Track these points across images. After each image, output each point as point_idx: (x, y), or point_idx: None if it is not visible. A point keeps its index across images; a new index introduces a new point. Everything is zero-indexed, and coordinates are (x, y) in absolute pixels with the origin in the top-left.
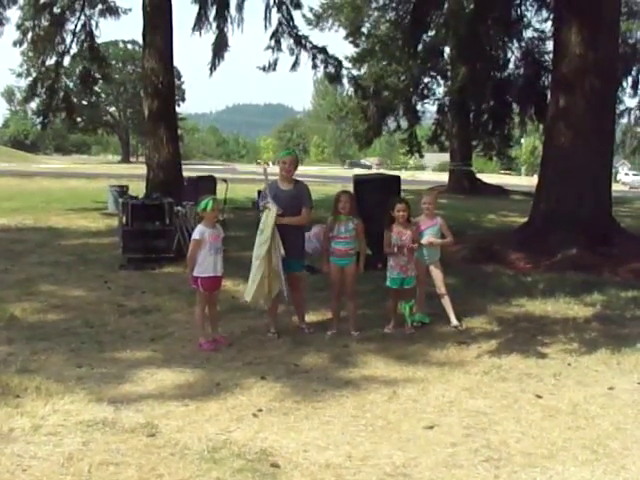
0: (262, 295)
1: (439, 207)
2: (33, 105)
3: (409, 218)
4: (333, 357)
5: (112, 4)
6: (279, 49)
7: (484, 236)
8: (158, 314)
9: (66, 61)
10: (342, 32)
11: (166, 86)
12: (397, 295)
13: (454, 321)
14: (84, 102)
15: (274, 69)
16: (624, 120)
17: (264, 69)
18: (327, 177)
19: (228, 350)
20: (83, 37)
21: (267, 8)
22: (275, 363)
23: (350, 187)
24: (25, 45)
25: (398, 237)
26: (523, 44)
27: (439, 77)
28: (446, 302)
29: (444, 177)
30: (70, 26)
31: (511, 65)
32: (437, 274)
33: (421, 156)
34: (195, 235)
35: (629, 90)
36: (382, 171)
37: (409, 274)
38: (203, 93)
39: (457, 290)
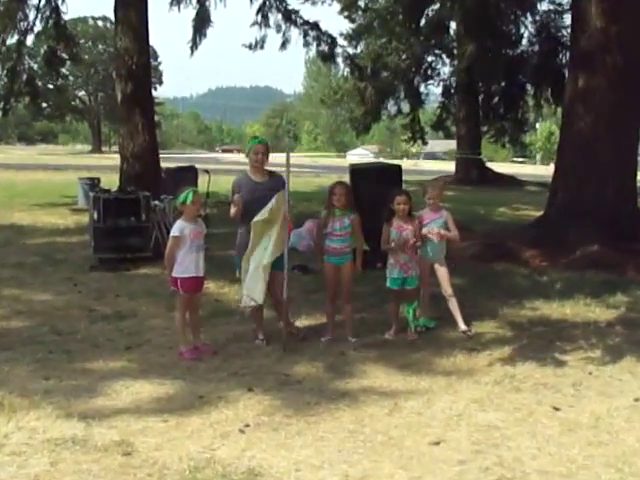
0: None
1: (444, 200)
2: None
3: (411, 211)
4: (328, 366)
5: None
6: (267, 25)
7: (495, 231)
8: (134, 320)
9: (29, 40)
10: (336, 6)
11: (141, 67)
12: (398, 297)
13: (462, 326)
14: (50, 86)
15: (261, 47)
16: None
17: (250, 48)
18: (321, 167)
19: (212, 359)
20: (48, 13)
21: None
22: (264, 373)
23: (346, 178)
24: None
25: (398, 232)
26: (538, 18)
27: (444, 55)
28: (453, 305)
29: (450, 166)
30: (33, 1)
31: (524, 41)
32: (443, 273)
33: (424, 143)
34: (174, 232)
35: None
36: (381, 160)
37: (411, 273)
38: (183, 75)
39: (465, 291)
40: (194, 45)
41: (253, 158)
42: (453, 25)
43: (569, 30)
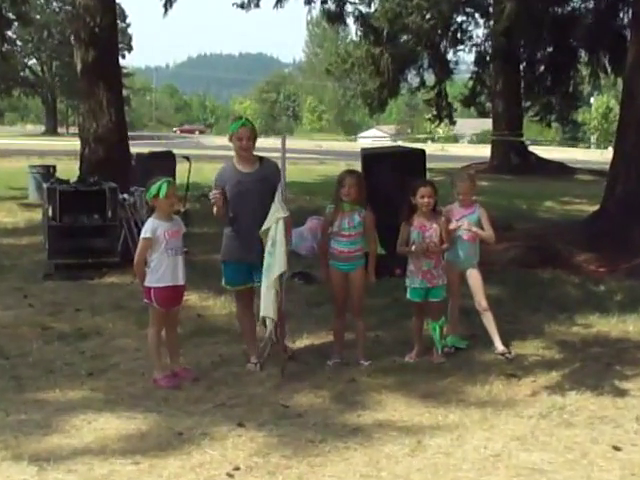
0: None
1: (477, 192)
2: None
3: (436, 207)
4: (336, 396)
5: None
6: None
7: (540, 230)
8: (98, 339)
9: None
10: None
11: (106, 30)
12: (421, 311)
13: (500, 346)
14: None
15: (256, 5)
16: None
17: (242, 7)
18: (326, 153)
19: (193, 387)
20: None
21: None
22: (257, 404)
23: (357, 166)
24: None
25: (420, 232)
26: None
27: (477, 15)
28: (488, 320)
29: (485, 151)
30: None
31: None
32: (476, 282)
33: (452, 123)
34: (144, 232)
35: None
36: (400, 143)
37: (436, 283)
38: (157, 39)
39: (504, 303)
40: (168, 1)
41: (237, 145)
42: None
43: None
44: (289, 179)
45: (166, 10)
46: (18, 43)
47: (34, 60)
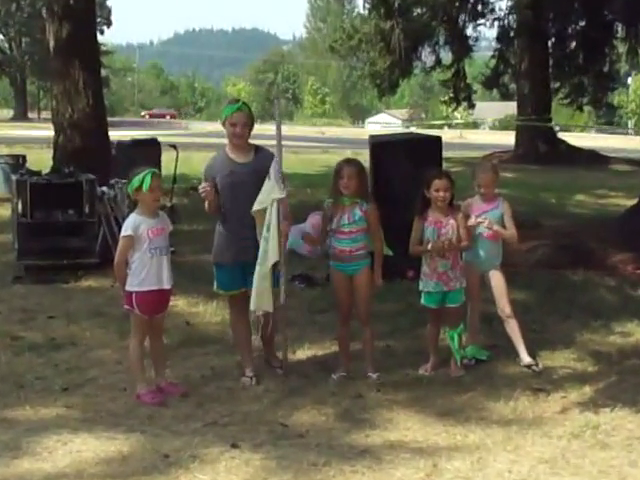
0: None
1: (500, 184)
2: None
3: (452, 201)
4: (341, 413)
5: None
6: None
7: (570, 227)
8: (73, 350)
9: None
10: None
11: (82, 2)
12: (437, 318)
13: (526, 358)
14: None
15: None
16: None
17: None
18: (330, 140)
19: (181, 404)
20: None
21: None
22: (253, 423)
23: (365, 155)
24: None
25: (435, 229)
26: None
27: None
28: (513, 329)
29: (509, 138)
30: None
31: None
32: (499, 285)
33: (472, 106)
34: (125, 229)
35: None
36: (413, 130)
37: (454, 286)
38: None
39: (530, 309)
40: None
41: (230, 131)
42: None
43: None
44: (288, 170)
45: None
46: None
47: (1, 36)
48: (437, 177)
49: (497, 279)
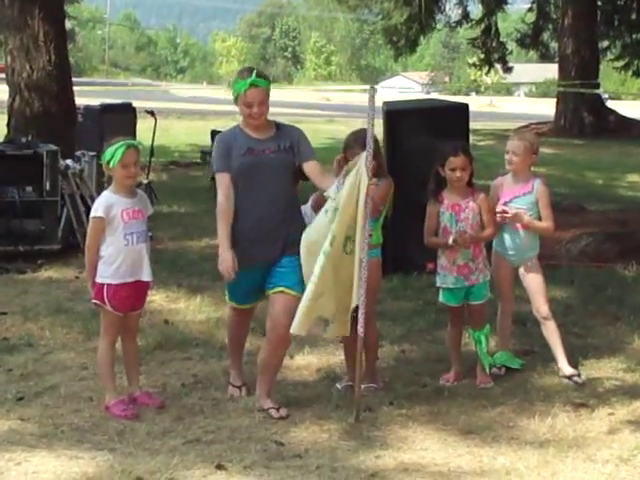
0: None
1: (537, 162)
2: None
3: (472, 179)
4: (347, 430)
5: None
6: None
7: (620, 214)
8: (30, 353)
9: None
10: None
11: None
12: (459, 318)
13: (566, 368)
14: None
15: None
16: None
17: None
18: (336, 107)
19: (158, 417)
20: None
21: None
22: (242, 441)
23: (378, 125)
24: None
25: (453, 214)
26: None
27: None
28: (551, 332)
29: (548, 107)
30: None
31: None
32: (534, 282)
33: (507, 69)
34: (95, 209)
35: None
36: (435, 96)
37: (477, 279)
38: None
39: (571, 310)
40: None
41: (245, 113)
42: None
43: None
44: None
45: None
46: None
47: None
48: (452, 154)
49: (532, 274)
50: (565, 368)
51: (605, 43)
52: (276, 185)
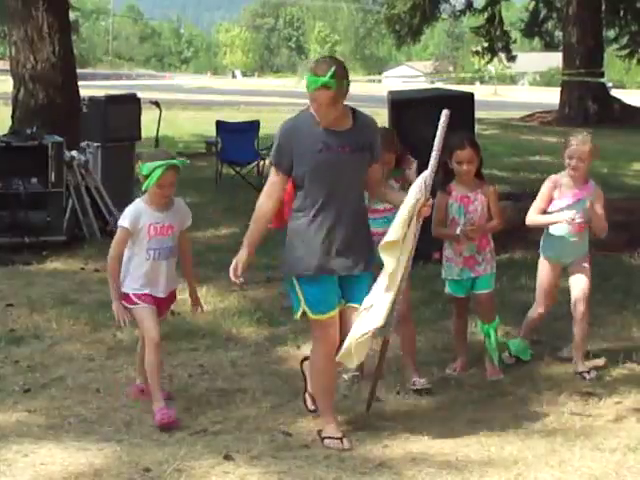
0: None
1: (542, 150)
2: None
3: (480, 170)
4: (354, 420)
5: None
6: None
7: (626, 202)
8: (37, 345)
9: None
10: None
11: None
12: (464, 308)
13: (580, 365)
14: None
15: None
16: None
17: None
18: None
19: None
20: None
21: None
22: (250, 431)
23: (383, 114)
24: None
25: (462, 206)
26: None
27: None
28: (583, 333)
29: (552, 96)
30: None
31: None
32: (581, 282)
33: (510, 58)
34: (123, 218)
35: None
36: (439, 85)
37: (483, 271)
38: None
39: (570, 299)
40: None
41: (313, 107)
42: None
43: None
44: None
45: None
46: None
47: None
48: (459, 147)
49: (582, 275)
50: (580, 366)
51: (610, 32)
52: (353, 189)
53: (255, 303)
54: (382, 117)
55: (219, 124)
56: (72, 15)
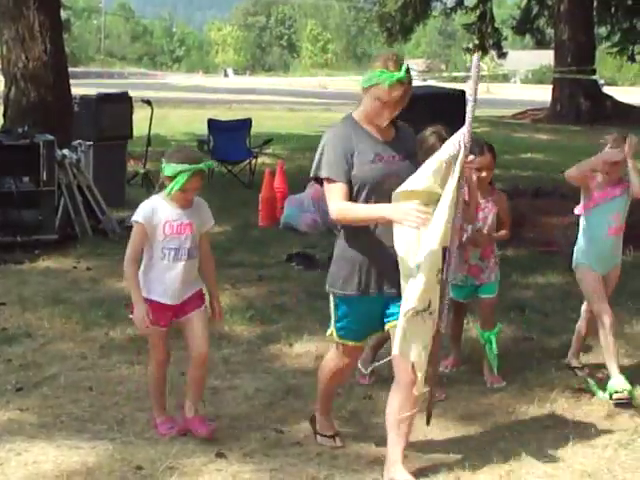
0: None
1: (534, 148)
2: None
3: (491, 179)
4: (346, 417)
5: None
6: None
7: None
8: (29, 343)
9: None
10: None
11: None
12: (463, 310)
13: (574, 361)
14: None
15: None
16: None
17: None
18: (333, 95)
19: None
20: None
21: None
22: (242, 429)
23: None
24: None
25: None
26: None
27: None
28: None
29: (544, 93)
30: None
31: None
32: (612, 284)
33: (501, 55)
34: (137, 213)
35: None
36: (431, 83)
37: (487, 279)
38: None
39: (568, 295)
40: None
41: (377, 110)
42: None
43: None
44: (284, 130)
45: None
46: None
47: None
48: (479, 153)
49: (614, 280)
50: (573, 361)
51: (602, 29)
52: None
53: (247, 301)
54: None
55: (211, 122)
56: (63, 14)
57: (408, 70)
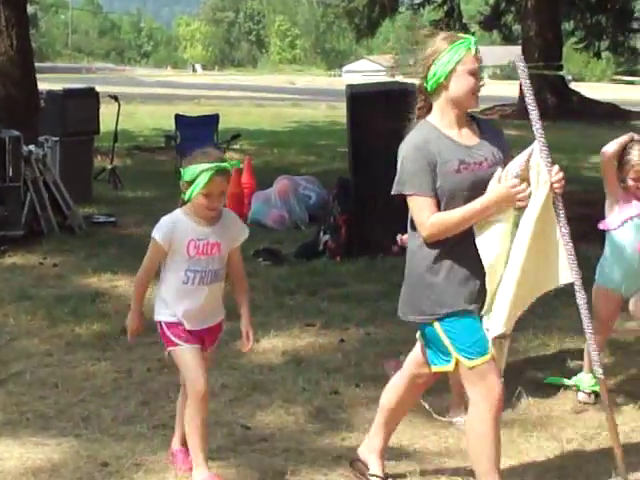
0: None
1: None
2: None
3: None
4: (313, 413)
5: None
6: None
7: (585, 195)
8: None
9: None
10: None
11: None
12: None
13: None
14: None
15: None
16: None
17: None
18: (301, 91)
19: (123, 402)
20: None
21: None
22: (208, 425)
23: (342, 108)
24: None
25: None
26: None
27: None
28: None
29: (512, 89)
30: None
31: None
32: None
33: None
34: (157, 230)
35: None
36: (400, 79)
37: None
38: None
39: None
40: None
41: (463, 95)
42: None
43: None
44: (252, 126)
45: None
46: None
47: None
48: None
49: None
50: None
51: (569, 25)
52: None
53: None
54: (341, 110)
55: (178, 118)
56: (30, 8)
57: (469, 40)
